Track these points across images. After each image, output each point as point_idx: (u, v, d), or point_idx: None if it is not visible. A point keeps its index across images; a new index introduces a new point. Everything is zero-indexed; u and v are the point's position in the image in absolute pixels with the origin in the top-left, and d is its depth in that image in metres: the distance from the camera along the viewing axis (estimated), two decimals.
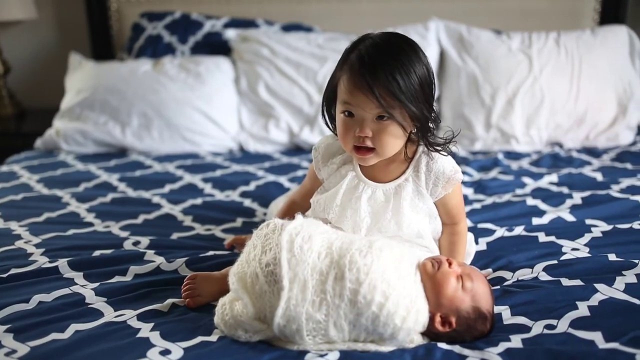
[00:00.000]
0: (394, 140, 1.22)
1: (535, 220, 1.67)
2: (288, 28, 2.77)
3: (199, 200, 1.89)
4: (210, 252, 1.49)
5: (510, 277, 1.38)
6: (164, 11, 2.83)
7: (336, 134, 1.29)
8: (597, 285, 1.27)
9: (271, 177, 2.10)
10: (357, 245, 1.12)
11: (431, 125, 1.24)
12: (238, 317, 1.12)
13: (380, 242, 1.15)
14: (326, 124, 1.32)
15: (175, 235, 1.64)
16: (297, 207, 1.46)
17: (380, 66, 1.14)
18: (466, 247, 1.44)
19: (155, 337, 1.13)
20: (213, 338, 1.14)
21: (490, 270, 1.43)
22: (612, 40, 2.49)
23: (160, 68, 2.50)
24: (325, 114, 1.31)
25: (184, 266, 1.42)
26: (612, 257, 1.41)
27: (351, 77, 1.17)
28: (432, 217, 1.35)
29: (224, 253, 1.49)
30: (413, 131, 1.24)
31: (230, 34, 2.65)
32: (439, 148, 1.27)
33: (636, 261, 1.36)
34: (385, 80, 1.14)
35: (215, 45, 2.70)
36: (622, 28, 2.54)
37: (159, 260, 1.44)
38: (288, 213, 1.45)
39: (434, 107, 1.25)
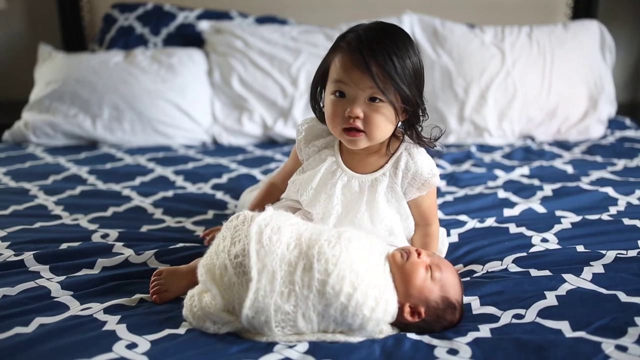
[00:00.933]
0: (385, 124, 1.21)
1: (507, 212, 1.69)
2: (262, 20, 2.75)
3: (170, 193, 1.87)
4: (180, 244, 1.47)
5: (480, 269, 1.39)
6: (136, 2, 2.79)
7: (322, 121, 1.30)
8: (565, 276, 1.28)
9: (244, 170, 2.09)
10: (326, 236, 1.12)
11: (421, 116, 1.24)
12: (206, 308, 1.11)
13: (349, 233, 1.14)
14: (313, 109, 1.32)
15: (145, 228, 1.62)
16: (276, 190, 1.46)
17: (377, 46, 1.15)
18: (437, 250, 1.44)
19: (121, 330, 1.11)
20: (181, 330, 1.12)
21: (460, 265, 1.44)
22: (583, 34, 2.51)
23: (132, 60, 2.46)
24: (312, 100, 1.31)
25: (153, 258, 1.40)
26: (580, 248, 1.43)
27: (348, 54, 1.17)
28: (404, 217, 1.35)
29: (194, 245, 1.47)
30: (402, 120, 1.25)
31: (204, 25, 2.62)
32: (425, 141, 1.28)
33: (604, 252, 1.38)
34: (382, 59, 1.14)
35: (188, 37, 2.67)
36: (593, 23, 2.57)
37: (128, 252, 1.42)
38: (266, 195, 1.46)
39: (424, 99, 1.26)
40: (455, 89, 2.42)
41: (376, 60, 1.14)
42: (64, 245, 1.45)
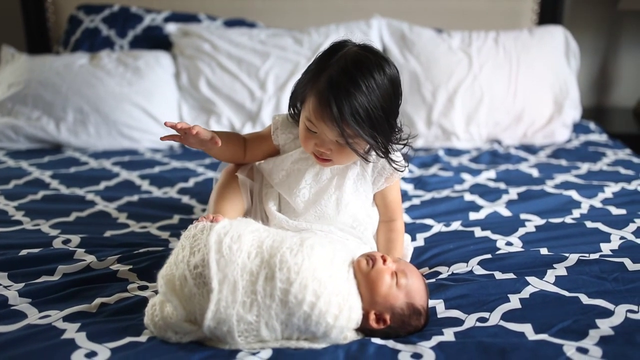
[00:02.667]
0: (352, 157, 1.28)
1: (472, 215, 1.70)
2: (231, 23, 2.73)
3: (135, 198, 1.84)
4: (144, 249, 1.45)
5: (445, 271, 1.39)
6: (102, 4, 2.75)
7: (295, 123, 1.35)
8: (529, 279, 1.29)
9: (211, 174, 2.06)
10: (288, 243, 1.11)
11: (390, 147, 1.27)
12: (168, 319, 1.09)
13: (312, 240, 1.13)
14: (291, 115, 1.36)
15: (108, 233, 1.59)
16: (239, 137, 1.45)
17: (347, 99, 1.16)
18: (403, 246, 1.45)
19: (81, 338, 1.08)
20: (142, 338, 1.10)
21: (426, 268, 1.44)
22: (548, 40, 2.55)
23: (98, 62, 2.42)
24: (292, 110, 1.35)
25: (115, 264, 1.37)
26: (544, 251, 1.44)
27: (319, 105, 1.19)
28: (370, 206, 1.39)
29: (159, 249, 1.45)
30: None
31: (171, 28, 2.59)
32: (395, 161, 1.31)
33: (567, 254, 1.39)
34: (349, 116, 1.16)
35: (156, 40, 2.64)
36: (558, 28, 2.60)
37: (90, 258, 1.39)
38: (232, 132, 1.49)
39: (398, 124, 1.28)
40: (423, 93, 2.43)
41: (344, 115, 1.16)
42: (23, 252, 1.42)
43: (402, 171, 1.34)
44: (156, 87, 2.40)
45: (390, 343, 1.11)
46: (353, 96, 1.16)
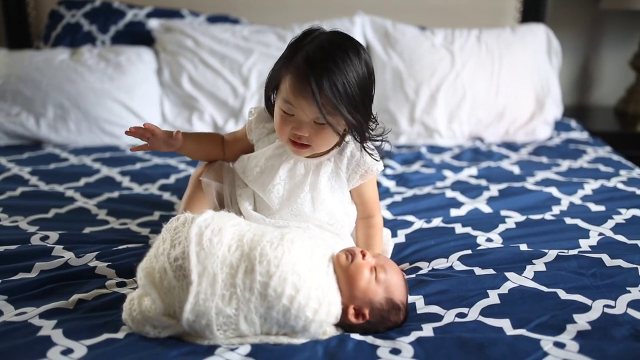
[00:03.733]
0: (330, 140, 1.27)
1: (453, 212, 1.70)
2: (214, 19, 2.72)
3: (115, 194, 1.82)
4: (124, 246, 1.44)
5: (425, 267, 1.40)
6: None
7: (271, 115, 1.34)
8: (508, 274, 1.30)
9: (192, 170, 2.04)
10: (268, 237, 1.10)
11: (367, 132, 1.27)
12: (146, 312, 1.08)
13: (292, 234, 1.13)
14: (267, 106, 1.35)
15: (87, 230, 1.57)
16: (218, 137, 1.47)
17: (325, 73, 1.16)
18: (382, 242, 1.45)
19: (57, 335, 1.07)
20: (120, 335, 1.09)
21: (407, 264, 1.44)
22: (530, 38, 2.56)
23: (78, 57, 2.40)
24: (267, 100, 1.34)
25: (94, 261, 1.36)
26: (523, 247, 1.45)
27: (296, 82, 1.19)
28: (346, 206, 1.37)
29: (138, 246, 1.44)
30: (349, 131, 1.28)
31: (153, 23, 2.57)
32: (370, 151, 1.32)
33: (546, 250, 1.40)
34: (328, 90, 1.16)
35: (138, 36, 2.62)
36: (540, 26, 2.62)
37: (68, 255, 1.38)
38: (209, 135, 1.49)
39: (372, 112, 1.28)
40: (406, 90, 2.43)
41: (323, 89, 1.16)
42: (0, 249, 1.40)
43: (377, 160, 1.34)
44: (138, 83, 2.38)
45: (370, 338, 1.11)
46: (331, 71, 1.16)
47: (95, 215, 1.68)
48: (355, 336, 1.11)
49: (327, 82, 1.16)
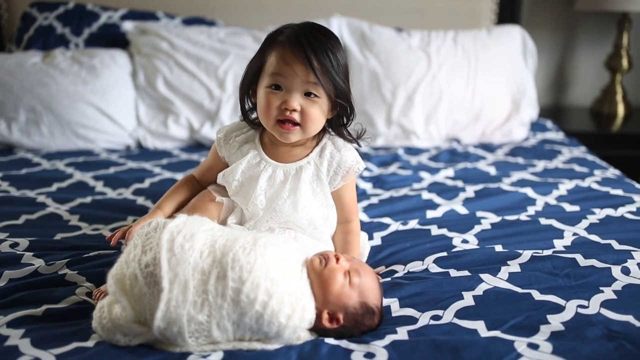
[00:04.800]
0: (320, 118, 1.26)
1: (430, 214, 1.70)
2: (190, 21, 2.70)
3: (88, 199, 1.79)
4: (95, 252, 1.41)
5: (401, 269, 1.39)
6: (56, 1, 2.68)
7: (247, 121, 1.35)
8: (483, 276, 1.30)
9: (168, 174, 2.03)
10: (241, 242, 1.09)
11: (350, 113, 1.30)
12: (116, 320, 1.06)
13: (265, 239, 1.12)
14: (241, 102, 1.33)
15: (59, 236, 1.55)
16: (192, 183, 1.45)
17: (315, 41, 1.19)
18: (359, 247, 1.44)
19: (25, 345, 1.05)
20: (90, 343, 1.07)
21: (382, 267, 1.44)
22: (506, 39, 2.58)
23: (51, 60, 2.36)
24: (243, 94, 1.32)
25: (64, 268, 1.34)
26: (498, 248, 1.46)
27: (289, 48, 1.20)
28: (328, 210, 1.37)
29: (110, 252, 1.42)
30: (330, 117, 1.29)
31: (128, 26, 2.54)
32: (350, 139, 1.33)
33: (520, 251, 1.41)
34: (321, 54, 1.19)
35: (112, 38, 2.58)
36: (515, 28, 2.63)
37: (38, 262, 1.35)
38: (181, 185, 1.44)
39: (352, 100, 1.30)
40: (383, 92, 2.43)
41: (316, 54, 1.19)
42: None
43: (358, 146, 1.37)
44: (112, 86, 2.34)
45: (344, 343, 1.10)
46: (319, 39, 1.20)
47: (67, 221, 1.65)
48: (330, 341, 1.10)
49: (318, 47, 1.19)
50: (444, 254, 1.42)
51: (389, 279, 1.35)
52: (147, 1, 2.81)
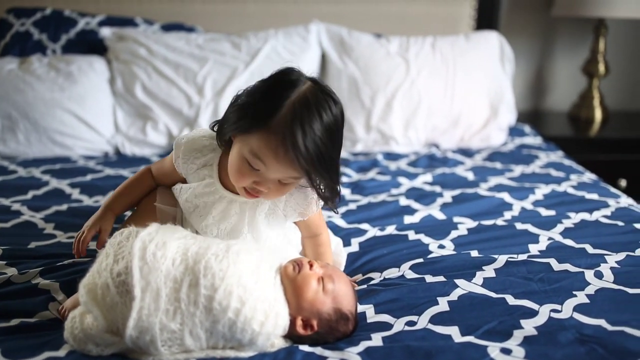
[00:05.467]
0: (285, 193, 1.22)
1: (407, 219, 1.71)
2: (168, 28, 2.68)
3: (64, 207, 1.78)
4: (69, 260, 1.40)
5: (378, 276, 1.39)
6: (33, 7, 2.66)
7: (219, 142, 1.24)
8: (458, 281, 1.30)
9: None
10: (213, 250, 1.09)
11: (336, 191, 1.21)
12: (88, 330, 1.05)
13: (238, 247, 1.11)
14: (219, 133, 1.22)
15: (33, 244, 1.53)
16: (146, 180, 1.41)
17: (309, 136, 1.07)
18: (332, 257, 1.43)
19: None
20: (61, 353, 1.07)
21: (359, 275, 1.44)
22: (483, 45, 2.59)
23: (27, 67, 2.34)
24: (224, 129, 1.20)
25: (37, 277, 1.32)
26: (474, 253, 1.46)
27: (274, 143, 1.09)
28: (290, 230, 1.35)
29: (84, 260, 1.40)
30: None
31: (106, 32, 2.53)
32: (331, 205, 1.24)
33: (496, 256, 1.41)
34: (308, 156, 1.08)
35: (90, 44, 2.56)
36: (493, 34, 2.66)
37: (10, 271, 1.34)
38: (135, 183, 1.41)
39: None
40: (361, 97, 2.44)
41: (309, 159, 1.08)
42: None
43: (334, 208, 1.27)
44: (89, 93, 2.33)
45: (318, 350, 1.10)
46: (317, 136, 1.08)
47: (42, 229, 1.63)
48: (304, 348, 1.10)
49: (309, 144, 1.07)
50: (420, 260, 1.43)
51: (365, 286, 1.35)
52: (126, 7, 2.79)
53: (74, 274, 1.32)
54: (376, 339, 1.12)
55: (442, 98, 2.46)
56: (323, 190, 1.18)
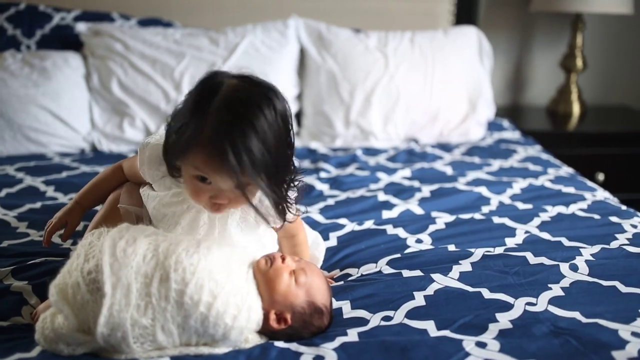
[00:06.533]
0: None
1: (385, 214, 1.70)
2: (146, 23, 2.65)
3: (38, 204, 1.75)
4: (42, 259, 1.37)
5: (355, 272, 1.39)
6: (7, 2, 2.61)
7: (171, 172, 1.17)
8: (434, 275, 1.30)
9: None
10: (184, 245, 1.07)
11: (285, 198, 1.14)
12: (59, 330, 1.03)
13: (210, 242, 1.10)
14: (168, 166, 1.14)
15: (5, 243, 1.50)
16: (117, 176, 1.39)
17: (240, 145, 1.01)
18: (309, 253, 1.42)
19: None
20: (32, 354, 1.05)
21: (337, 270, 1.43)
22: (462, 40, 2.60)
23: (1, 63, 2.30)
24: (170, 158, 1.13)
25: (9, 276, 1.30)
26: (451, 247, 1.46)
27: (211, 157, 1.03)
28: (262, 235, 1.29)
29: (57, 259, 1.38)
30: None
31: (81, 27, 2.49)
32: (290, 213, 1.18)
33: (472, 250, 1.42)
34: (247, 163, 1.02)
35: (65, 40, 2.52)
36: (471, 29, 2.66)
37: None
38: (106, 178, 1.40)
39: (293, 161, 1.15)
40: (340, 92, 2.43)
41: (241, 164, 1.02)
42: None
43: (291, 219, 1.20)
44: (65, 89, 2.29)
45: (293, 346, 1.09)
46: (247, 140, 1.01)
47: (15, 227, 1.60)
48: (279, 344, 1.09)
49: (245, 154, 1.01)
50: (398, 255, 1.43)
51: (342, 282, 1.34)
52: (102, 2, 2.75)
53: (46, 273, 1.30)
54: (352, 335, 1.12)
55: (421, 93, 2.46)
56: (276, 197, 1.10)
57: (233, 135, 1.01)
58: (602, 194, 1.83)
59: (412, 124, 2.46)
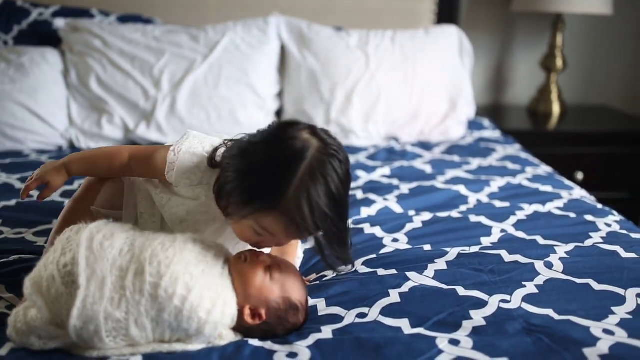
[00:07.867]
0: None
1: (364, 212, 1.71)
2: (126, 19, 2.63)
3: (12, 202, 1.73)
4: (15, 257, 1.36)
5: (331, 273, 1.38)
6: None
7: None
8: (409, 274, 1.30)
9: None
10: (160, 239, 1.08)
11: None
12: (31, 322, 1.03)
13: (186, 236, 1.11)
14: (220, 205, 1.14)
15: None
16: (119, 159, 1.25)
17: (317, 215, 1.05)
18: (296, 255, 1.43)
19: None
20: (3, 352, 1.04)
21: (313, 275, 1.42)
22: (443, 39, 2.61)
23: None
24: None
25: None
26: (427, 247, 1.46)
27: (286, 226, 1.06)
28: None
29: (31, 257, 1.37)
30: None
31: (59, 23, 2.47)
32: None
33: (448, 249, 1.42)
34: (319, 230, 1.08)
35: (44, 36, 2.50)
36: (452, 28, 2.67)
37: None
38: (111, 154, 1.28)
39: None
40: (321, 90, 2.43)
41: (312, 231, 1.08)
42: None
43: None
44: (42, 85, 2.27)
45: (268, 344, 1.09)
46: (327, 210, 1.05)
47: None
48: (254, 342, 1.09)
49: (321, 223, 1.06)
50: (374, 255, 1.42)
51: (317, 282, 1.34)
52: None
53: (20, 271, 1.28)
54: (326, 332, 1.12)
55: (401, 92, 2.46)
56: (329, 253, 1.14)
57: (315, 209, 1.04)
58: (578, 193, 1.85)
59: (392, 123, 2.46)
